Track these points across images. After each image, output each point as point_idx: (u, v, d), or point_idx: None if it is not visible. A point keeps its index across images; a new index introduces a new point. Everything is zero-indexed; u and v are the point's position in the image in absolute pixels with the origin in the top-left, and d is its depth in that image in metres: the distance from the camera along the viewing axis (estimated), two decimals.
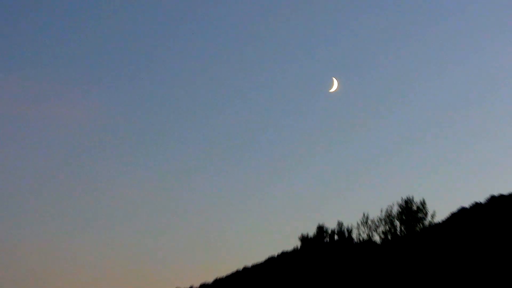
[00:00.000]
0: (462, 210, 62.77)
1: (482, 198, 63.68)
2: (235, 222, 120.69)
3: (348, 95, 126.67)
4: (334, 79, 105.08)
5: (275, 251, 68.69)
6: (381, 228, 64.08)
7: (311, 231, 68.22)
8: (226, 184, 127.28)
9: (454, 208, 64.48)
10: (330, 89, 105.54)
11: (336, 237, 66.76)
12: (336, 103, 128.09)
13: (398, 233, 63.41)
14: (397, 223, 63.64)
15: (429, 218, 63.14)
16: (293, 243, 69.83)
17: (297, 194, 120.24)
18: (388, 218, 63.87)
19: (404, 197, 64.49)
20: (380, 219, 64.17)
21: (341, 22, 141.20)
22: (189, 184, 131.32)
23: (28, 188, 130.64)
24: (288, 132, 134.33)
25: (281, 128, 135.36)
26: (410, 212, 63.73)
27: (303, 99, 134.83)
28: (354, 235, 66.19)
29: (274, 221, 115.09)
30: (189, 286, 64.06)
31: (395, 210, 64.02)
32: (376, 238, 64.33)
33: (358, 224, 65.28)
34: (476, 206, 62.72)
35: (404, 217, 63.48)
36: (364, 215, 65.27)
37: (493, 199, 62.51)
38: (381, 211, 64.65)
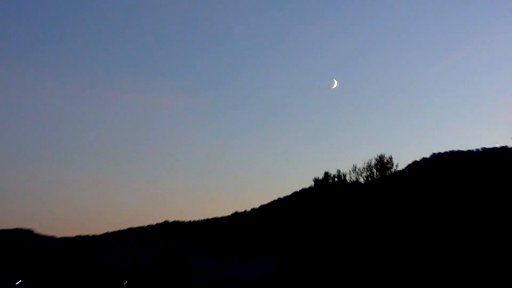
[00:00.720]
0: (415, 162, 76.71)
1: (428, 154, 77.23)
2: (270, 167, 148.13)
3: (345, 91, 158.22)
4: (334, 79, 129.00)
5: (297, 188, 78.53)
6: (364, 174, 70.88)
7: (320, 175, 73.59)
8: (268, 143, 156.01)
9: (410, 161, 78.35)
10: (332, 87, 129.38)
11: (336, 179, 72.10)
12: (336, 96, 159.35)
13: (375, 177, 70.37)
14: (374, 170, 70.51)
15: (394, 167, 70.94)
16: (308, 183, 75.77)
17: (310, 151, 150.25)
18: (369, 167, 70.90)
19: (379, 154, 70.99)
20: (364, 168, 71.22)
21: (342, 33, 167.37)
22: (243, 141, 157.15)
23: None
24: (301, 116, 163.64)
25: (296, 115, 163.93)
26: (383, 163, 70.46)
27: (310, 93, 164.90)
28: (347, 178, 71.80)
29: (296, 168, 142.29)
30: (243, 209, 76.86)
31: (373, 162, 71.06)
32: (361, 180, 70.98)
33: (350, 171, 71.65)
34: (424, 160, 75.32)
35: (378, 167, 70.41)
36: (353, 165, 71.56)
37: (434, 155, 75.42)
38: (364, 162, 71.92)
